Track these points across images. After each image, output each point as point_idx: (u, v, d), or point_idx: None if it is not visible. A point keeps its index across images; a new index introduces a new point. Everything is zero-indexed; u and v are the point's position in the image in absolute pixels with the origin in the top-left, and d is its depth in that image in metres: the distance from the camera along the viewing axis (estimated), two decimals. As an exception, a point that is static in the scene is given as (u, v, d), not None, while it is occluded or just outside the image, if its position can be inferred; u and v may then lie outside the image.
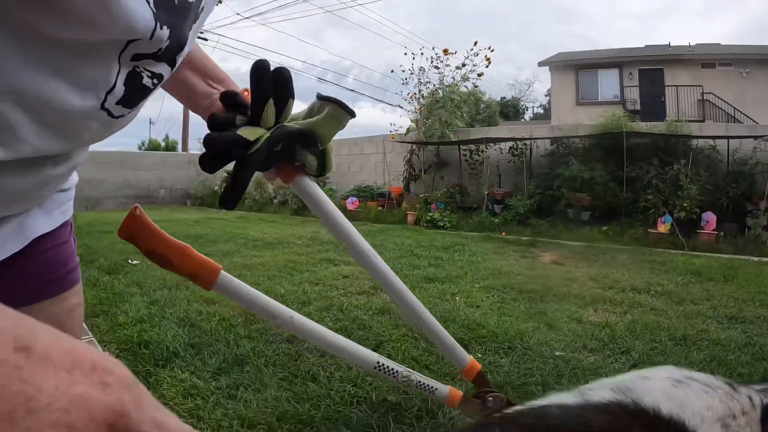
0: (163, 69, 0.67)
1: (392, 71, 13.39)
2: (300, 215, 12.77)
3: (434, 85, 12.94)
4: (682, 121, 11.14)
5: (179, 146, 25.90)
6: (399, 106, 13.62)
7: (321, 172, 1.11)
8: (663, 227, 8.54)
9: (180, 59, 0.70)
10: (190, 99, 1.04)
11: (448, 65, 12.67)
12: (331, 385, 2.54)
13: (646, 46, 24.10)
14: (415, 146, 12.83)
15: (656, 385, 0.59)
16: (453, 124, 12.25)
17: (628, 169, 9.70)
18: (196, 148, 19.30)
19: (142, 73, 0.64)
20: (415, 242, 7.58)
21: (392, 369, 1.43)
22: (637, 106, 20.42)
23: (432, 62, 12.75)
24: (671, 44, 23.40)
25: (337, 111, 1.05)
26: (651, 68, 21.44)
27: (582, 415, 0.53)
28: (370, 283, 4.69)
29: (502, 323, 3.57)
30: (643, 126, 11.06)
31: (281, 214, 13.36)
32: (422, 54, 12.86)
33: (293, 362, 2.86)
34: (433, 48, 12.85)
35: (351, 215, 11.92)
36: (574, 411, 0.53)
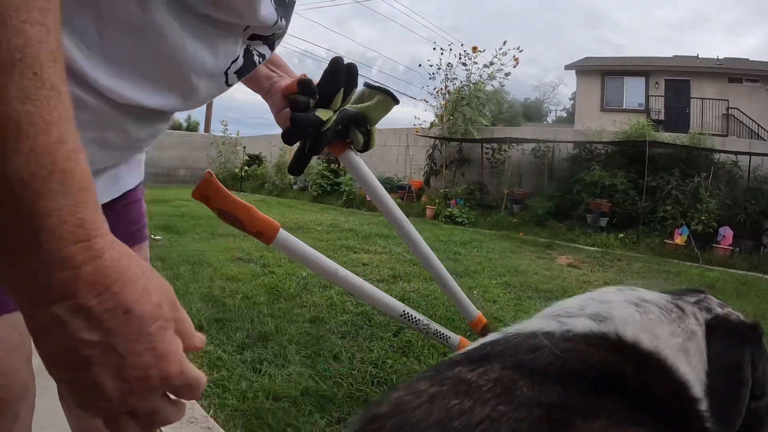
0: (266, 51, 0.85)
1: (419, 65, 13.36)
2: (319, 202, 12.87)
3: (461, 81, 12.94)
4: (706, 134, 11.08)
5: (201, 127, 26.05)
6: (424, 100, 13.61)
7: (365, 148, 1.37)
8: (679, 239, 8.55)
9: (278, 44, 0.86)
10: (253, 80, 1.18)
11: (476, 63, 12.67)
12: (353, 366, 2.64)
13: (674, 56, 23.87)
14: (437, 141, 12.85)
15: (624, 312, 0.63)
16: (477, 122, 12.26)
17: (648, 179, 9.69)
18: (219, 129, 19.44)
19: (253, 52, 0.81)
20: (433, 236, 7.65)
21: (415, 318, 1.65)
22: (662, 116, 20.23)
23: (460, 59, 12.75)
24: (699, 56, 23.18)
25: (386, 99, 1.32)
26: (677, 79, 21.20)
27: (573, 349, 0.55)
28: (390, 272, 4.78)
29: (519, 318, 3.63)
30: (666, 136, 11.02)
31: (301, 200, 13.46)
32: (450, 50, 12.83)
33: (315, 341, 2.95)
34: (462, 45, 12.74)
35: (370, 206, 12.01)
36: (564, 344, 0.56)
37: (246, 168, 16.94)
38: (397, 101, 1.34)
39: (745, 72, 20.40)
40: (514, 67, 12.54)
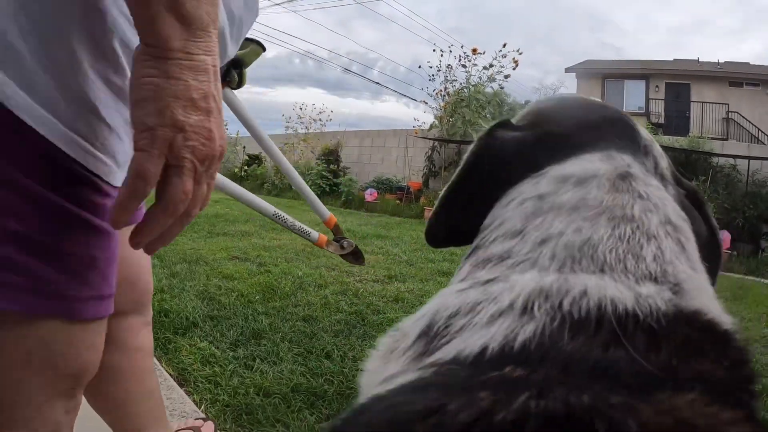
0: None
1: (419, 66, 13.33)
2: (317, 203, 12.86)
3: (460, 83, 12.95)
4: (705, 137, 11.10)
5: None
6: (423, 101, 13.61)
7: (239, 86, 1.68)
8: (677, 242, 8.55)
9: None
10: None
11: (475, 65, 12.68)
12: (344, 364, 2.66)
13: (674, 59, 23.88)
14: (436, 143, 12.87)
15: (680, 266, 0.47)
16: (476, 124, 12.28)
17: (647, 182, 9.69)
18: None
19: None
20: (430, 237, 7.63)
21: (284, 217, 1.97)
22: (662, 120, 20.26)
23: (460, 60, 12.76)
24: (700, 60, 23.21)
25: (257, 47, 1.66)
26: (678, 82, 21.22)
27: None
28: (386, 272, 4.80)
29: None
30: (665, 140, 11.03)
31: (299, 200, 13.46)
32: (450, 52, 12.84)
33: (308, 340, 2.97)
34: (462, 46, 12.76)
35: (369, 206, 12.01)
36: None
37: (245, 168, 16.96)
38: (264, 49, 1.69)
39: (746, 76, 20.42)
40: (514, 69, 12.54)
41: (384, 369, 0.47)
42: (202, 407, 2.13)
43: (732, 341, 0.41)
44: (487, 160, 0.64)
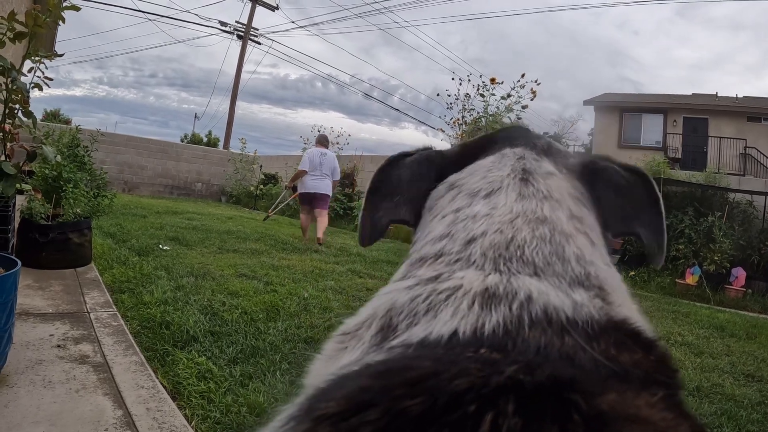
0: None
1: (438, 94, 13.39)
2: (331, 225, 12.87)
3: (478, 112, 12.97)
4: (722, 172, 11.01)
5: (221, 143, 26.31)
6: (441, 129, 13.65)
7: None
8: (691, 278, 8.44)
9: None
10: None
11: (493, 94, 12.70)
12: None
13: (692, 94, 23.81)
14: (452, 170, 12.84)
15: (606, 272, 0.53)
16: (493, 153, 12.24)
17: (662, 216, 9.61)
18: (237, 147, 19.72)
19: None
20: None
21: None
22: (679, 154, 20.11)
23: (478, 90, 12.79)
24: (718, 94, 23.11)
25: None
26: (696, 117, 21.11)
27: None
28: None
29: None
30: (681, 174, 10.96)
31: (313, 221, 13.48)
32: (469, 80, 12.88)
33: (308, 362, 2.93)
34: (480, 76, 12.79)
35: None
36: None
37: (261, 186, 17.05)
38: None
39: (764, 111, 20.25)
40: (532, 99, 12.53)
41: (336, 363, 0.46)
42: (193, 423, 2.11)
43: (656, 343, 0.44)
44: (391, 171, 0.77)
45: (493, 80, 12.60)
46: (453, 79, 12.91)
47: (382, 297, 0.50)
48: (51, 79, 3.02)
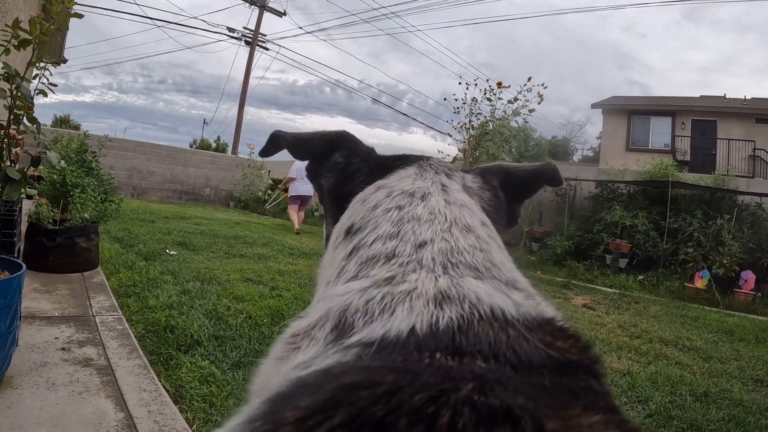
0: None
1: (445, 99, 13.35)
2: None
3: (485, 116, 12.94)
4: (731, 175, 10.94)
5: (229, 149, 26.35)
6: (448, 134, 13.63)
7: None
8: (700, 282, 8.38)
9: None
10: None
11: (500, 98, 12.67)
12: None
13: (701, 96, 23.65)
14: (458, 175, 12.82)
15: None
16: (500, 158, 12.23)
17: (670, 220, 9.57)
18: (245, 152, 19.74)
19: None
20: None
21: None
22: (687, 157, 19.96)
23: (485, 94, 12.76)
24: (726, 96, 22.97)
25: None
26: (704, 119, 20.97)
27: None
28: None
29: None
30: (690, 177, 10.91)
31: (320, 226, 13.45)
32: (476, 85, 12.85)
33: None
34: (488, 80, 12.76)
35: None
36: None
37: (269, 192, 17.07)
38: None
39: (772, 113, 20.11)
40: (539, 103, 12.49)
41: (287, 364, 0.47)
42: (194, 426, 2.11)
43: (579, 336, 0.49)
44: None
45: (499, 84, 12.56)
46: (460, 83, 12.87)
47: (335, 299, 0.53)
48: (56, 86, 3.03)
